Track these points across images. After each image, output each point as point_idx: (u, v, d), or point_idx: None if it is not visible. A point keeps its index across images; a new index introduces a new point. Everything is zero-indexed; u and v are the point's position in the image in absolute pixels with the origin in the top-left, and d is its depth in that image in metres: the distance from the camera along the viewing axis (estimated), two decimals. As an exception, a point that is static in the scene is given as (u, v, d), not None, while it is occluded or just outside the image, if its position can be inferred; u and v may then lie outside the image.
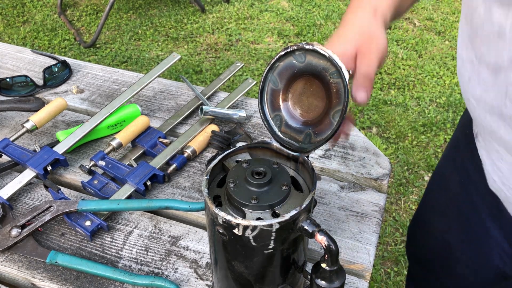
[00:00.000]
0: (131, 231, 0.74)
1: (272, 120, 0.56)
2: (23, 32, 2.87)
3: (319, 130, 0.54)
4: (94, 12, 3.07)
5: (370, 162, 0.84)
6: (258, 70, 2.57)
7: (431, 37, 2.82)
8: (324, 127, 0.54)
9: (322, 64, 0.51)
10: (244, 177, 0.51)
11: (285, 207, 0.51)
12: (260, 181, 0.51)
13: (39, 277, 0.68)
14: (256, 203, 0.50)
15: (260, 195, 0.50)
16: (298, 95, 0.55)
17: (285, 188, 0.51)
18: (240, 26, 2.93)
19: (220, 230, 0.50)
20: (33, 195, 0.79)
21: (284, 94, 0.55)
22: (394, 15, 0.66)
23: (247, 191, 0.51)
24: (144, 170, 0.79)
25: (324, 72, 0.51)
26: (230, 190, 0.51)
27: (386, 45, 0.61)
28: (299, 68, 0.53)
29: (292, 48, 0.51)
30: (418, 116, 2.31)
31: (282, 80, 0.54)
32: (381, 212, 0.76)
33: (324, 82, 0.52)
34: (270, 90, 0.54)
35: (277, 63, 0.53)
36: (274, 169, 0.53)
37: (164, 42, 2.81)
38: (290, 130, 0.55)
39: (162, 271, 0.69)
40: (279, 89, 0.54)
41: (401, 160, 2.08)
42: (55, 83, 1.02)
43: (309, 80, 0.54)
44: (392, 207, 1.91)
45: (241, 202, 0.50)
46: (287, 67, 0.53)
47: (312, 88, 0.54)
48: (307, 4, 3.11)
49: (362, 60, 0.59)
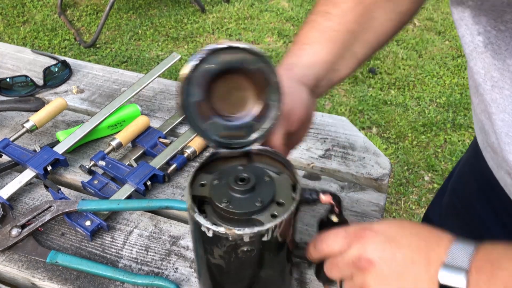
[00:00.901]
0: (131, 231, 0.74)
1: (207, 131, 0.53)
2: (23, 32, 2.88)
3: (259, 117, 0.53)
4: (94, 12, 3.07)
5: (370, 162, 0.84)
6: (258, 70, 2.57)
7: (431, 37, 2.82)
8: (264, 111, 0.53)
9: (238, 57, 0.50)
10: (227, 180, 0.51)
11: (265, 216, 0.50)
12: (239, 188, 0.50)
13: (39, 277, 0.68)
14: (227, 207, 0.49)
15: (234, 201, 0.49)
16: (223, 95, 0.53)
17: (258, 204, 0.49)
18: (240, 26, 2.93)
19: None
20: (33, 195, 0.79)
21: (209, 101, 0.52)
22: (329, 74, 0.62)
23: (224, 193, 0.50)
24: (144, 170, 0.79)
25: (243, 63, 0.50)
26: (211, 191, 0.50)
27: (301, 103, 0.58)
28: (215, 70, 0.50)
29: (201, 56, 0.49)
30: (418, 116, 2.31)
31: (202, 89, 0.51)
32: (381, 212, 0.76)
33: (245, 72, 0.51)
34: (194, 103, 0.51)
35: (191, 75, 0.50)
36: (263, 180, 0.52)
37: (164, 42, 2.81)
38: (229, 131, 0.54)
39: (162, 270, 0.69)
40: (202, 98, 0.51)
41: (401, 160, 2.08)
42: (55, 83, 1.02)
43: (229, 77, 0.52)
44: (392, 207, 1.91)
45: (217, 205, 0.49)
46: (203, 75, 0.50)
47: (235, 83, 0.52)
48: (307, 4, 3.11)
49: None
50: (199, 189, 0.52)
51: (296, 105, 0.57)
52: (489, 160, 0.64)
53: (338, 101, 2.39)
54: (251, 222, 0.49)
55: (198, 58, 0.48)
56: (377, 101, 2.38)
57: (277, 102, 0.53)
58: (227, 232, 0.47)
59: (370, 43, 0.64)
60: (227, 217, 0.49)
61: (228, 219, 0.49)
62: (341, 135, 0.89)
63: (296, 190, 0.51)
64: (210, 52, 0.48)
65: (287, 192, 0.52)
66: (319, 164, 0.84)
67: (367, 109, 2.34)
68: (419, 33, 2.85)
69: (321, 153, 0.86)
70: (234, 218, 0.49)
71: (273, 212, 0.50)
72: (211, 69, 0.50)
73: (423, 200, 1.93)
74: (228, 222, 0.49)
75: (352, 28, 0.62)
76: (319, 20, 0.64)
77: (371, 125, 2.27)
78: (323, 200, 0.52)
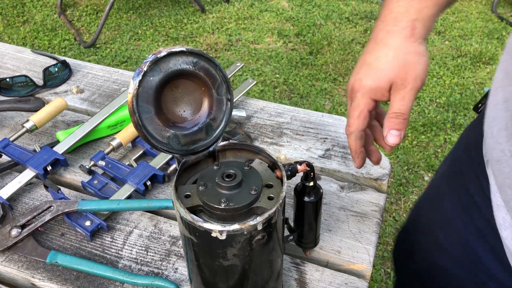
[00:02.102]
0: (131, 231, 0.74)
1: (169, 144, 0.52)
2: (23, 32, 2.87)
3: (214, 114, 0.54)
4: (94, 12, 3.07)
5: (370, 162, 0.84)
6: (258, 70, 2.57)
7: (431, 37, 2.82)
8: (217, 108, 0.53)
9: (179, 61, 0.49)
10: (213, 182, 0.50)
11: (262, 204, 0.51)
12: (230, 184, 0.50)
13: (39, 277, 0.68)
14: (228, 205, 0.49)
15: (231, 197, 0.49)
16: (174, 103, 0.52)
17: (254, 193, 0.50)
18: (240, 26, 2.93)
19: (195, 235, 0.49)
20: (33, 195, 0.79)
21: (162, 113, 0.51)
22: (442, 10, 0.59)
23: (218, 194, 0.50)
24: (144, 170, 0.79)
25: (185, 66, 0.50)
26: (200, 194, 0.50)
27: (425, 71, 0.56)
28: (159, 81, 0.49)
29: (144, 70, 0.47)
30: (418, 116, 2.31)
31: (152, 103, 0.49)
32: (381, 212, 0.76)
33: (188, 74, 0.51)
34: (147, 120, 0.49)
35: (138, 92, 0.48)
36: (244, 170, 0.52)
37: (164, 42, 2.81)
38: (190, 137, 0.53)
39: (162, 271, 0.69)
40: (154, 113, 0.50)
41: (401, 160, 2.08)
42: (55, 83, 1.02)
43: (174, 83, 0.51)
44: (392, 207, 1.91)
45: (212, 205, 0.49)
46: (150, 89, 0.49)
47: (182, 88, 0.52)
48: (307, 4, 3.11)
49: (395, 95, 0.55)
50: (187, 202, 0.51)
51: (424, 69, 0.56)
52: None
53: (338, 101, 2.39)
54: (252, 211, 0.50)
55: (140, 73, 0.47)
56: (377, 101, 2.38)
57: (226, 95, 0.53)
58: (242, 227, 0.47)
59: None
60: (228, 216, 0.49)
61: (230, 217, 0.49)
62: (341, 135, 0.89)
63: (278, 168, 0.53)
64: (151, 64, 0.48)
65: (269, 173, 0.54)
66: (319, 164, 0.84)
67: (367, 109, 2.34)
68: (419, 33, 2.85)
69: (321, 153, 0.86)
70: (237, 213, 0.49)
71: (268, 195, 0.51)
72: (156, 81, 0.49)
73: (423, 200, 1.93)
74: (231, 220, 0.49)
75: None
76: None
77: (371, 125, 2.27)
78: (300, 169, 0.56)
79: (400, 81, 0.55)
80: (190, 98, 0.53)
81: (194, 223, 0.48)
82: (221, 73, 0.52)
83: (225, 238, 0.48)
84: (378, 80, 0.56)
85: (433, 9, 0.57)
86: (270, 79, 2.53)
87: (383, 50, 0.57)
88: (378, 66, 0.56)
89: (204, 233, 0.48)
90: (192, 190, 0.51)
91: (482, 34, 2.85)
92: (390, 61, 0.55)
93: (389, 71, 0.55)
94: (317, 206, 0.60)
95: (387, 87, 0.55)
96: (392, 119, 0.55)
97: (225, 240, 0.48)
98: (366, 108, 0.58)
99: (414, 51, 0.56)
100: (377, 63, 0.56)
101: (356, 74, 0.59)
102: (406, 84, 0.55)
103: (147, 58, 0.48)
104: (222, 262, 0.51)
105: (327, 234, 0.73)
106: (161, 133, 0.51)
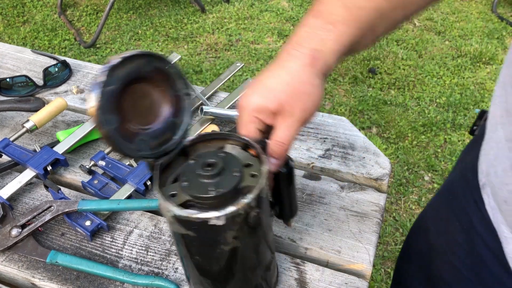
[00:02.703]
0: (131, 231, 0.74)
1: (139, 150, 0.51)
2: (23, 32, 2.87)
3: (177, 112, 0.54)
4: (94, 12, 3.07)
5: (370, 162, 0.84)
6: (258, 70, 2.57)
7: (431, 37, 2.82)
8: (179, 106, 0.54)
9: (133, 66, 0.49)
10: (195, 175, 0.51)
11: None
12: (213, 172, 0.50)
13: (39, 277, 0.68)
14: (218, 192, 0.49)
15: (218, 184, 0.50)
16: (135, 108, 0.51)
17: (237, 174, 0.50)
18: (240, 26, 2.93)
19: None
20: (33, 195, 0.79)
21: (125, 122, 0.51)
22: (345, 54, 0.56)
23: (204, 185, 0.50)
24: (144, 170, 0.79)
25: (139, 70, 0.50)
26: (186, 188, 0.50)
27: (314, 105, 0.54)
28: (117, 88, 0.49)
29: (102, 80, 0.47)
30: (418, 116, 2.31)
31: (114, 113, 0.49)
32: (381, 212, 0.76)
33: (145, 77, 0.51)
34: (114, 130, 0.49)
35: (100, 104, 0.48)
36: (221, 156, 0.52)
37: (164, 42, 2.81)
38: (157, 139, 0.53)
39: (162, 271, 0.69)
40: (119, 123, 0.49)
41: (401, 160, 2.08)
42: (55, 83, 1.02)
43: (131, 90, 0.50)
44: (392, 207, 1.91)
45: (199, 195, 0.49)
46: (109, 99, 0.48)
47: (140, 91, 0.52)
48: (307, 4, 3.11)
49: (282, 122, 0.53)
50: (175, 200, 0.51)
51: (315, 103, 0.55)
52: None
53: (338, 101, 2.39)
54: (240, 191, 0.50)
55: (99, 84, 0.47)
56: (377, 101, 2.38)
57: (184, 90, 0.53)
58: (237, 208, 0.48)
59: (396, 21, 0.58)
60: (218, 202, 0.49)
61: (221, 203, 0.49)
62: (341, 135, 0.89)
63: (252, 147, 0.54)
64: (108, 73, 0.47)
65: (244, 154, 0.55)
66: (319, 164, 0.84)
67: (367, 109, 2.34)
68: (419, 33, 2.85)
69: (321, 153, 0.86)
70: (227, 197, 0.49)
71: (250, 172, 0.52)
72: (115, 89, 0.48)
73: (423, 200, 1.93)
74: (222, 206, 0.49)
75: (381, 7, 0.55)
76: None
77: (371, 125, 2.27)
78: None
79: (288, 108, 0.52)
80: (150, 100, 0.53)
81: (190, 217, 0.48)
82: (175, 69, 0.52)
83: (224, 223, 0.48)
84: (266, 99, 0.53)
85: (336, 44, 0.54)
86: (270, 79, 2.52)
87: (279, 72, 0.54)
88: (270, 85, 0.54)
89: (201, 224, 0.48)
90: (176, 188, 0.52)
91: (482, 34, 2.85)
92: (283, 84, 0.53)
93: (280, 93, 0.53)
94: (290, 176, 0.60)
95: (273, 109, 0.53)
96: (274, 147, 0.53)
97: (224, 224, 0.48)
98: (252, 126, 0.55)
99: (310, 81, 0.53)
100: (270, 83, 0.54)
101: (247, 90, 0.56)
102: (293, 113, 0.53)
103: (102, 68, 0.47)
104: (223, 248, 0.52)
105: (327, 234, 0.73)
106: (130, 141, 0.51)
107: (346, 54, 0.57)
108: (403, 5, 0.57)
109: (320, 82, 0.54)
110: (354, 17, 0.55)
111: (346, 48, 0.55)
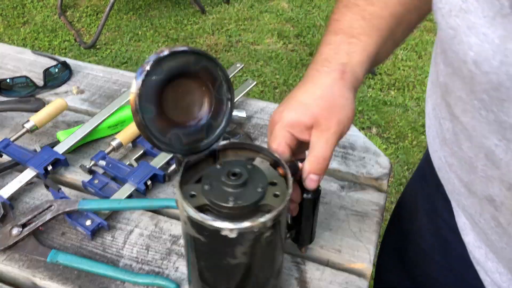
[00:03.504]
0: (132, 230, 0.74)
1: (171, 144, 0.51)
2: (24, 33, 2.88)
3: (214, 113, 0.53)
4: (94, 13, 3.07)
5: (370, 161, 0.85)
6: (258, 71, 2.58)
7: (431, 38, 2.82)
8: (218, 108, 0.53)
9: (181, 61, 0.49)
10: (219, 180, 0.50)
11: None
12: (237, 182, 0.49)
13: (40, 276, 0.68)
14: (236, 203, 0.48)
15: (238, 196, 0.49)
16: (175, 102, 0.52)
17: (260, 190, 0.49)
18: (240, 27, 2.93)
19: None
20: (34, 195, 0.80)
21: (164, 113, 0.51)
22: (371, 65, 0.57)
23: (224, 193, 0.49)
24: (145, 169, 0.79)
25: (187, 66, 0.50)
26: (206, 192, 0.50)
27: (349, 119, 0.53)
28: (160, 80, 0.49)
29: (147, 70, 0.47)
30: (418, 116, 2.31)
31: (154, 102, 0.49)
32: (381, 212, 0.76)
33: (191, 74, 0.50)
34: (151, 120, 0.49)
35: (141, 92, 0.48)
36: (248, 168, 0.52)
37: (164, 43, 2.82)
38: (191, 137, 0.53)
39: (163, 270, 0.69)
40: (156, 113, 0.50)
41: (401, 160, 2.09)
42: (56, 83, 1.02)
43: (176, 83, 0.50)
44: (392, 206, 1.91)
45: (218, 203, 0.48)
46: (152, 88, 0.48)
47: (183, 87, 0.51)
48: (307, 5, 3.12)
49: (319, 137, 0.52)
50: (193, 201, 0.50)
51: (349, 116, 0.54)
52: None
53: (338, 101, 2.39)
54: (259, 209, 0.50)
55: (143, 73, 0.47)
56: (377, 101, 2.39)
57: (227, 95, 0.53)
58: (252, 225, 0.47)
59: (412, 23, 0.59)
60: (235, 214, 0.49)
61: (237, 215, 0.49)
62: (341, 135, 0.89)
63: (282, 166, 0.53)
64: (154, 63, 0.47)
65: (271, 171, 0.54)
66: (319, 164, 0.84)
67: (367, 109, 2.34)
68: (419, 34, 2.86)
69: (321, 152, 0.87)
70: (244, 211, 0.49)
71: (273, 192, 0.51)
72: (158, 81, 0.48)
73: (423, 200, 1.93)
74: (238, 218, 0.49)
75: (396, 12, 0.57)
76: (362, 4, 0.57)
77: (371, 125, 2.27)
78: (301, 166, 0.55)
79: (324, 121, 0.52)
80: (191, 98, 0.53)
81: (204, 222, 0.47)
82: (222, 73, 0.52)
83: (235, 236, 0.47)
84: (300, 114, 0.53)
85: (362, 55, 0.55)
86: (270, 80, 2.53)
87: (311, 87, 0.55)
88: (303, 100, 0.54)
89: (213, 232, 0.48)
90: (197, 189, 0.51)
91: (481, 35, 2.85)
92: (317, 98, 0.53)
93: (314, 107, 0.52)
94: (315, 203, 0.60)
95: (308, 124, 0.52)
96: (314, 163, 0.53)
97: (235, 238, 0.48)
98: (284, 140, 0.54)
99: (342, 95, 0.53)
100: (303, 98, 0.54)
101: (279, 107, 0.56)
102: (330, 126, 0.52)
103: (149, 57, 0.47)
104: (229, 261, 0.51)
105: (327, 233, 0.73)
106: (163, 133, 0.50)
107: (372, 65, 0.57)
108: (417, 6, 0.58)
109: (352, 95, 0.55)
110: (374, 27, 0.56)
111: (371, 58, 0.56)
